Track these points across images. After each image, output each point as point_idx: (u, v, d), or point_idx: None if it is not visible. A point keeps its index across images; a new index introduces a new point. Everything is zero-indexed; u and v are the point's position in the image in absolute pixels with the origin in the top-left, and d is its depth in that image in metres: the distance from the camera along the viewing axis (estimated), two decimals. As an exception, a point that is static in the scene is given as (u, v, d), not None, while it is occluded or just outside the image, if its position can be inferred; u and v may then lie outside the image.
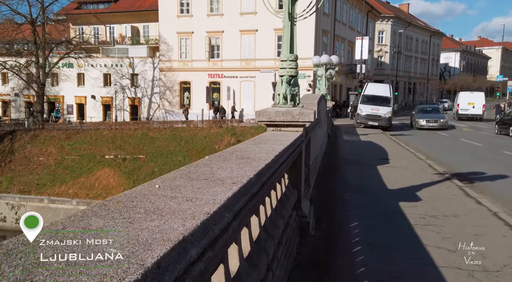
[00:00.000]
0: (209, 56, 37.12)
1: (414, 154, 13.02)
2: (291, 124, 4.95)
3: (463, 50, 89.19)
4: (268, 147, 3.19)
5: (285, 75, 5.05)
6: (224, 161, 2.39)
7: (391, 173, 9.40)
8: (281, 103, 5.12)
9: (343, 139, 17.96)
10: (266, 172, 2.33)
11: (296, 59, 5.13)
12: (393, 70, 58.94)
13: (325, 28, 36.80)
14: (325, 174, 9.01)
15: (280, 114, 4.85)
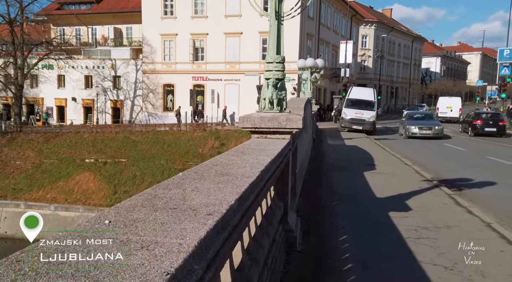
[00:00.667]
0: (193, 58, 36.65)
1: (400, 160, 12.87)
2: (278, 131, 4.63)
3: (444, 55, 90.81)
4: (252, 159, 2.84)
5: (271, 78, 4.74)
6: (201, 179, 2.04)
7: (379, 179, 9.17)
8: (267, 108, 4.80)
9: (328, 144, 17.77)
10: (250, 192, 1.98)
11: (283, 61, 4.81)
12: (376, 75, 59.47)
13: (310, 31, 36.77)
14: (312, 181, 8.72)
15: (265, 121, 4.52)
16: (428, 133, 22.22)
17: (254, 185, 2.08)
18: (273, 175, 2.98)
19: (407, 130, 22.81)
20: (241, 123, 4.52)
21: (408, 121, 23.76)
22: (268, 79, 4.81)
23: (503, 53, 31.90)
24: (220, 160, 2.77)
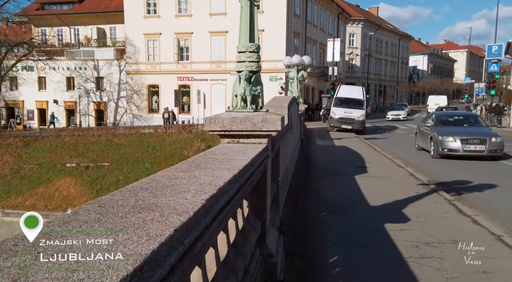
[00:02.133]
0: (178, 58, 35.72)
1: (392, 160, 12.20)
2: (252, 134, 3.85)
3: (431, 53, 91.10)
4: (206, 176, 2.06)
5: (243, 71, 3.97)
6: (98, 221, 1.25)
7: (371, 184, 8.45)
8: (239, 107, 4.02)
9: (316, 145, 17.06)
10: (176, 243, 1.20)
11: (258, 50, 4.05)
12: (364, 73, 59.14)
13: (297, 30, 36.11)
14: (298, 187, 7.96)
15: (237, 122, 3.74)
16: (480, 150, 13.04)
17: (187, 227, 1.29)
18: (235, 195, 2.18)
19: (439, 145, 13.42)
20: (207, 126, 3.74)
21: (439, 129, 14.04)
22: (240, 72, 4.04)
23: (491, 50, 31.63)
24: (159, 178, 1.97)
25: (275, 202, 5.54)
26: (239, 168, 2.35)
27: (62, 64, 38.45)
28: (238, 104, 4.09)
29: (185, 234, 1.28)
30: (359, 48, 59.93)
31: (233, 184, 2.06)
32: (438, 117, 15.41)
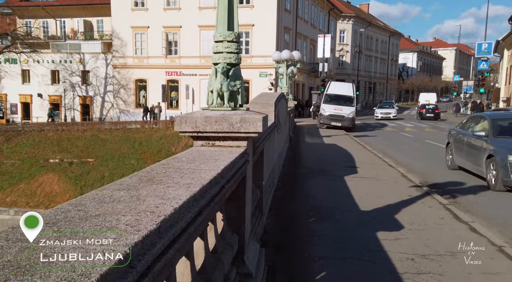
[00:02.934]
0: (166, 52, 35.00)
1: (382, 160, 11.84)
2: (229, 136, 3.39)
3: (420, 51, 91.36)
4: (154, 198, 1.61)
5: (220, 63, 3.49)
6: None
7: (362, 186, 8.05)
8: (215, 105, 3.56)
9: (305, 142, 16.65)
10: None
11: (238, 40, 3.58)
12: (354, 70, 58.93)
13: (287, 25, 35.62)
14: (285, 189, 7.52)
15: (211, 122, 3.27)
16: None
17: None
18: (195, 221, 1.72)
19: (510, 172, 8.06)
20: (177, 126, 3.26)
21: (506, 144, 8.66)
22: (217, 64, 3.55)
23: (481, 47, 31.54)
24: (87, 201, 1.50)
25: (258, 208, 5.09)
26: (203, 182, 1.88)
27: (47, 57, 37.42)
28: (214, 102, 3.61)
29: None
30: (349, 45, 59.69)
31: (189, 207, 1.58)
32: (496, 124, 9.34)
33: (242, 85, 3.77)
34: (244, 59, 34.33)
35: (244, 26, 33.36)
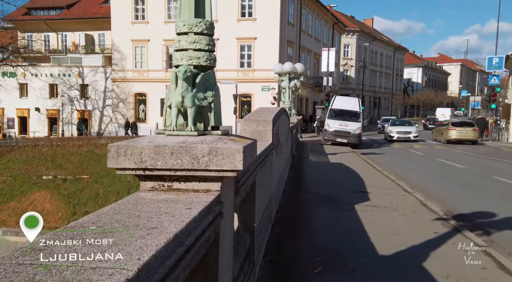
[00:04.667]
0: (166, 66, 34.11)
1: (395, 183, 10.59)
2: (194, 175, 2.18)
3: (425, 66, 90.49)
4: None
5: (183, 65, 2.34)
6: None
7: (376, 218, 6.80)
8: (173, 127, 2.39)
9: (309, 161, 15.43)
10: None
11: (211, 32, 2.45)
12: (358, 84, 58.00)
13: (290, 38, 34.77)
14: (285, 223, 6.29)
15: (165, 154, 2.10)
16: None
17: None
18: None
19: None
20: (112, 160, 2.13)
21: None
22: (178, 66, 2.40)
23: (491, 62, 30.41)
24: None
25: (248, 259, 3.86)
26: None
27: (45, 71, 36.71)
28: (172, 122, 2.45)
29: None
30: (354, 59, 58.87)
31: None
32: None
33: (217, 98, 2.61)
34: (246, 73, 33.44)
35: (247, 39, 32.56)
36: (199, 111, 2.48)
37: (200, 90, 2.47)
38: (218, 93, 2.61)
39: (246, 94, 32.74)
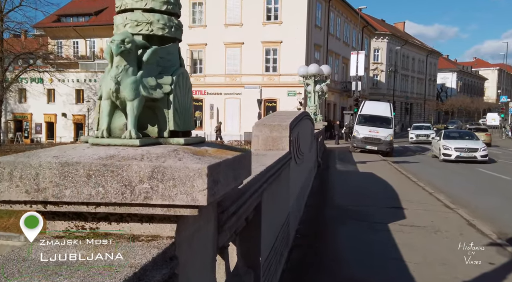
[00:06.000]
0: (191, 70, 33.70)
1: (434, 197, 9.35)
2: (130, 213, 1.19)
3: (460, 71, 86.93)
4: None
5: (121, 33, 1.41)
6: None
7: (415, 242, 5.68)
8: (103, 131, 1.46)
9: (336, 170, 14.30)
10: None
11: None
12: (389, 90, 55.99)
13: (318, 42, 33.66)
14: (306, 247, 5.27)
15: (77, 176, 1.15)
16: None
17: None
18: None
19: None
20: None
21: None
22: (113, 42, 1.48)
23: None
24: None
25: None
26: None
27: (71, 76, 37.12)
28: (102, 124, 1.55)
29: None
30: (384, 64, 56.92)
31: None
32: None
33: (183, 89, 1.68)
34: (271, 77, 32.57)
35: (272, 43, 31.73)
36: (149, 107, 1.56)
37: (151, 73, 1.55)
38: (184, 81, 1.69)
39: (271, 100, 31.83)
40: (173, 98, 1.58)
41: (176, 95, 1.60)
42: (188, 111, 1.71)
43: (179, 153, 1.39)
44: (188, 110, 1.72)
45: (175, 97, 1.60)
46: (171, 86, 1.58)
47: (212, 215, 1.82)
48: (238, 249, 3.07)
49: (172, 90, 1.58)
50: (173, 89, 1.58)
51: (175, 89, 1.60)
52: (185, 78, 1.72)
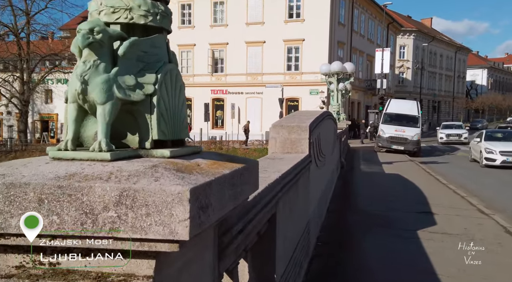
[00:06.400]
0: (212, 70, 33.68)
1: (466, 200, 8.78)
2: (95, 247, 0.89)
3: (491, 67, 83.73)
4: None
5: (94, 19, 1.13)
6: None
7: (449, 252, 5.23)
8: (68, 142, 1.17)
9: (360, 171, 13.81)
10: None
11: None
12: (415, 87, 54.48)
13: (341, 39, 32.97)
14: (326, 258, 4.91)
15: (26, 200, 0.83)
16: None
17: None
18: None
19: None
20: None
21: None
22: (79, 31, 1.18)
23: None
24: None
25: None
26: None
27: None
28: (68, 133, 1.26)
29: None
30: (410, 61, 55.41)
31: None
32: None
33: (178, 91, 1.38)
34: (293, 76, 32.11)
35: (294, 41, 31.27)
36: (128, 111, 1.27)
37: (129, 71, 1.25)
38: (173, 79, 1.38)
39: (293, 99, 31.38)
40: (157, 100, 1.28)
41: (161, 97, 1.30)
42: (178, 117, 1.41)
43: (158, 170, 1.09)
44: (178, 115, 1.41)
45: (160, 100, 1.30)
46: (155, 86, 1.28)
47: (210, 240, 1.52)
48: (250, 265, 2.77)
49: (156, 91, 1.27)
50: (158, 90, 1.28)
51: (160, 90, 1.30)
52: (175, 76, 1.42)
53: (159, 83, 1.29)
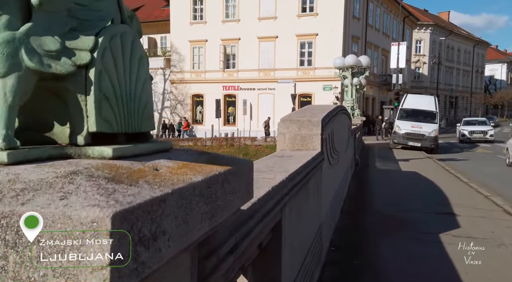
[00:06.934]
0: (224, 66, 33.33)
1: (490, 200, 8.25)
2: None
3: (511, 62, 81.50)
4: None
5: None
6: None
7: (474, 260, 4.74)
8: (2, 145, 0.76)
9: (375, 169, 13.29)
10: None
11: None
12: (432, 83, 53.25)
13: (355, 34, 32.24)
14: (340, 264, 4.50)
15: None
16: None
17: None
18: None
19: None
20: None
21: None
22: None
23: None
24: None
25: None
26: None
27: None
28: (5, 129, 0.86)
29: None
30: (427, 56, 54.16)
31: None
32: None
33: (135, 64, 0.98)
34: (306, 71, 31.53)
35: (307, 35, 30.68)
36: (53, 90, 0.88)
37: (52, 30, 0.85)
38: (127, 47, 0.98)
39: (306, 94, 30.82)
40: (97, 75, 0.87)
41: (104, 70, 0.90)
42: (136, 101, 1.00)
43: (75, 179, 0.70)
44: (136, 98, 1.01)
45: (103, 74, 0.88)
46: (93, 54, 0.88)
47: (183, 270, 1.10)
48: (250, 280, 2.38)
49: (94, 60, 0.87)
50: (96, 60, 0.88)
51: (103, 60, 0.88)
52: (130, 43, 1.01)
53: (100, 50, 0.89)
